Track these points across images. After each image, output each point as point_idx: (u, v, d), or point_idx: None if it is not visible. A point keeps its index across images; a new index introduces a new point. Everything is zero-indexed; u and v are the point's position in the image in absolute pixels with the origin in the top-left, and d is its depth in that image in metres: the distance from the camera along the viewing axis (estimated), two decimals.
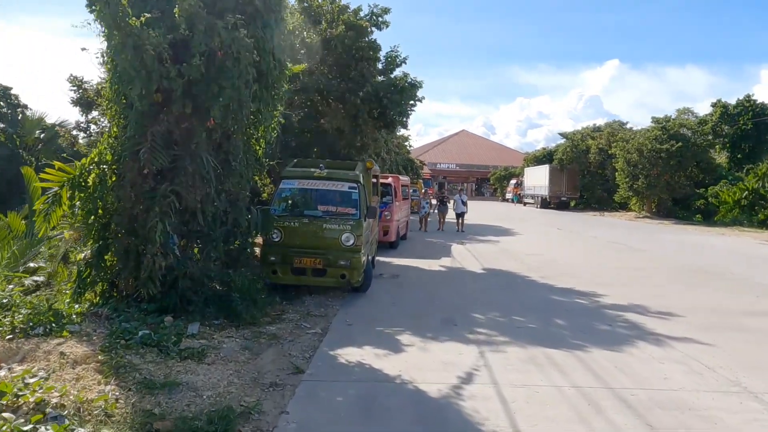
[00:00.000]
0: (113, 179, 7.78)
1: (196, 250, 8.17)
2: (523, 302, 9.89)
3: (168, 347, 6.21)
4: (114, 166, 7.78)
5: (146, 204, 7.39)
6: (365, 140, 14.85)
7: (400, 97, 14.25)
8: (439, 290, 10.89)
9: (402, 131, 30.48)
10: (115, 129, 8.09)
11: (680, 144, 34.18)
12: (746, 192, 34.38)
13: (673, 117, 39.35)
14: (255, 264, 9.57)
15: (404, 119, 15.08)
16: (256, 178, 12.15)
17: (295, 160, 11.27)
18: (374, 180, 14.43)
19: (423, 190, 35.75)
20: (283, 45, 8.75)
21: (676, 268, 14.49)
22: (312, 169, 10.38)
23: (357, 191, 10.06)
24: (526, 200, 53.33)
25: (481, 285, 11.61)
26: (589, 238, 22.33)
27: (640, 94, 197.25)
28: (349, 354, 6.77)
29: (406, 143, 29.76)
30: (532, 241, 20.57)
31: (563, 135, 50.26)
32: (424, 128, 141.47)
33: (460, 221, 22.96)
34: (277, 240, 9.57)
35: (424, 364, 6.47)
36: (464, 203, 22.77)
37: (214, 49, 7.23)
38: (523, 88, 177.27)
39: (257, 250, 9.82)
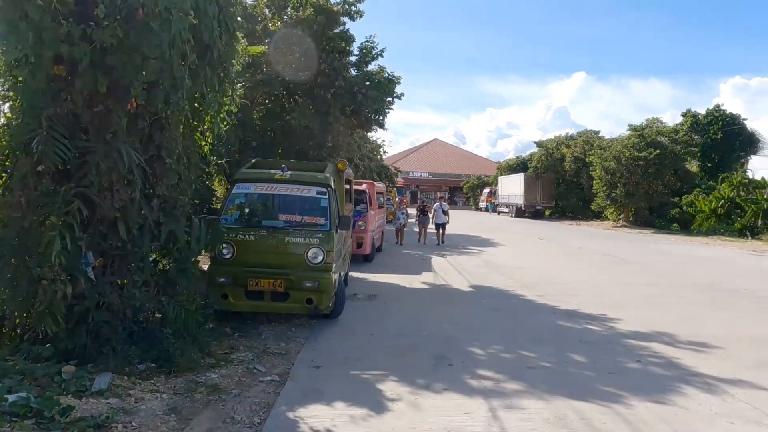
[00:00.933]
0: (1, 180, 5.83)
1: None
2: (527, 330, 8.18)
3: (50, 419, 4.28)
4: (1, 163, 5.83)
5: (42, 212, 5.46)
6: (337, 141, 13.05)
7: (377, 92, 12.52)
8: (425, 315, 9.12)
9: (376, 134, 28.81)
10: (8, 114, 6.13)
11: (658, 152, 33.25)
12: (722, 201, 33.69)
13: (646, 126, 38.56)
14: (200, 288, 7.66)
15: (380, 118, 13.33)
16: (211, 182, 10.27)
17: (254, 161, 9.41)
18: (347, 186, 12.68)
19: (397, 200, 34.11)
20: (234, 11, 6.91)
21: (684, 285, 12.99)
22: (273, 171, 8.53)
23: (327, 197, 8.24)
24: (500, 209, 52.11)
25: (473, 308, 9.87)
26: (574, 249, 20.87)
27: (606, 106, 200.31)
28: (315, 416, 4.93)
29: (381, 148, 28.00)
30: (517, 253, 18.99)
31: (538, 143, 49.26)
32: (395, 137, 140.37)
33: (440, 233, 20.61)
34: (228, 257, 7.69)
35: None
36: (445, 213, 20.27)
37: (133, 4, 5.36)
38: (493, 98, 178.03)
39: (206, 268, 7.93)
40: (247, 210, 8.27)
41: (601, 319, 8.98)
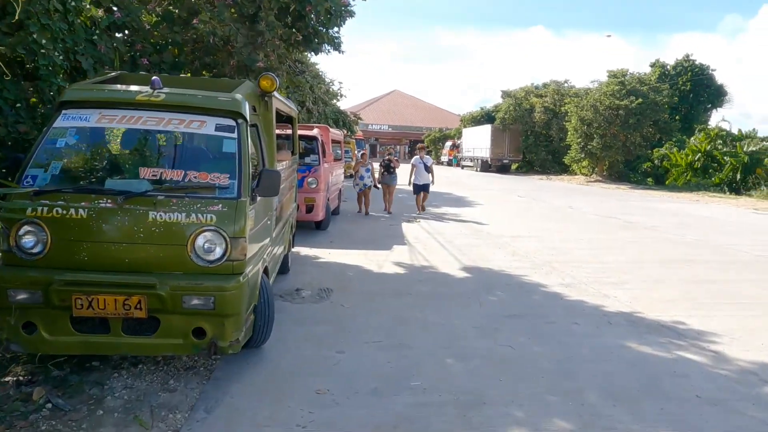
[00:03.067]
0: None
1: None
2: (590, 370, 4.66)
3: None
4: None
5: None
6: (272, 63, 8.99)
7: None
8: (409, 329, 5.50)
9: (331, 78, 24.28)
10: None
11: (640, 100, 30.16)
12: (699, 154, 31.18)
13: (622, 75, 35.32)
14: None
15: (335, 31, 9.31)
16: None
17: (113, 74, 5.39)
18: (288, 126, 8.80)
19: (357, 152, 30.08)
20: None
21: (734, 260, 9.77)
22: (135, 89, 4.57)
23: (236, 137, 4.39)
24: (464, 163, 48.73)
25: (478, 310, 6.31)
26: (564, 208, 17.58)
27: (562, 60, 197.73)
28: None
29: (339, 92, 23.67)
30: (503, 216, 15.53)
31: (505, 93, 45.58)
32: (354, 91, 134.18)
33: (420, 198, 14.96)
34: (34, 252, 3.85)
35: None
36: (428, 169, 14.65)
37: None
38: (453, 51, 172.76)
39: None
40: (77, 161, 4.34)
41: (697, 337, 5.55)
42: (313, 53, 10.12)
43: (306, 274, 7.71)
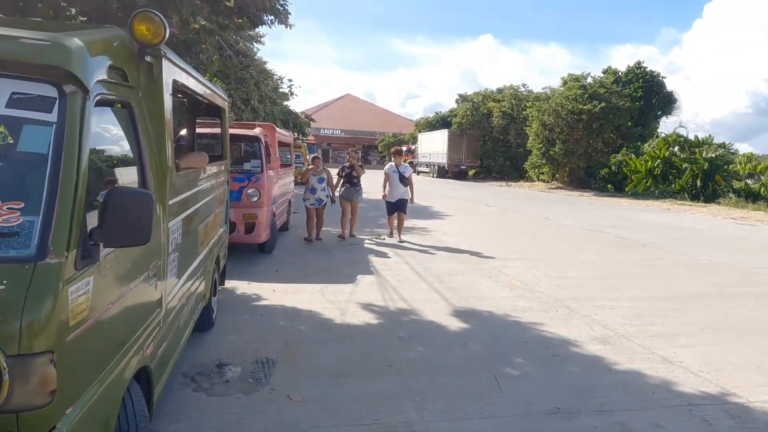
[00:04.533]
0: None
1: None
2: None
3: None
4: None
5: None
6: (191, 33, 6.54)
7: None
8: None
9: (279, 75, 21.57)
10: None
11: (604, 104, 28.94)
12: (658, 161, 30.28)
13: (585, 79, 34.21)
14: None
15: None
16: None
17: None
18: (214, 117, 6.45)
19: (309, 157, 27.54)
20: None
21: None
22: None
23: (54, 125, 2.00)
24: (420, 169, 46.81)
25: (501, 403, 4.06)
26: (542, 220, 15.69)
27: (510, 69, 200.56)
28: None
29: (290, 87, 20.96)
30: (476, 230, 13.46)
31: (462, 97, 44.00)
32: (305, 97, 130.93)
33: (394, 221, 11.17)
34: None
35: None
36: (405, 181, 10.99)
37: None
38: (403, 58, 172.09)
39: None
40: None
41: None
42: (251, 27, 7.67)
43: (237, 332, 5.30)
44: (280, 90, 20.47)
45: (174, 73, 3.44)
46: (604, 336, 5.51)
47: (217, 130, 6.54)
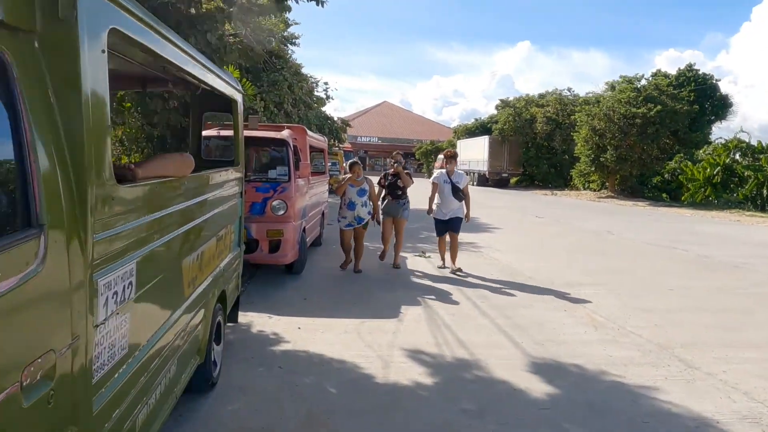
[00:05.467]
0: None
1: None
2: None
3: None
4: None
5: None
6: (213, 15, 5.24)
7: None
8: None
9: (314, 77, 20.19)
10: None
11: (660, 107, 26.79)
12: (718, 168, 27.87)
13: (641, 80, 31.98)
14: None
15: None
16: None
17: None
18: (225, 111, 5.18)
19: (345, 165, 26.31)
20: None
21: None
22: None
23: None
24: None
25: None
26: (601, 233, 13.92)
27: (547, 75, 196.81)
28: None
29: (325, 90, 19.60)
30: (531, 246, 11.83)
31: (504, 102, 42.19)
32: (341, 104, 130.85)
33: (444, 244, 8.80)
34: None
35: None
36: (458, 194, 8.40)
37: None
38: (439, 66, 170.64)
39: None
40: None
41: None
42: (278, 8, 6.33)
43: (246, 394, 3.92)
44: (315, 94, 19.25)
45: (113, 16, 2.05)
46: (753, 412, 3.90)
47: (229, 132, 5.23)
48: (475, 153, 40.62)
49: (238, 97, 4.81)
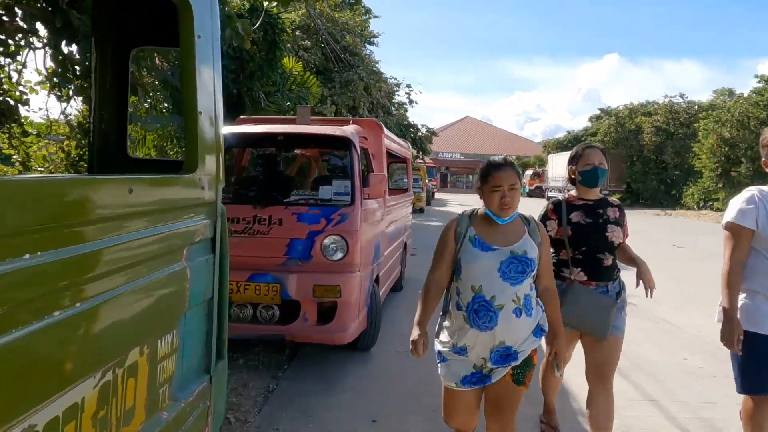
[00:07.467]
0: None
1: None
2: None
3: None
4: None
5: None
6: None
7: None
8: None
9: (394, 79, 17.41)
10: None
11: None
12: None
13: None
14: None
15: None
16: None
17: None
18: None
19: (428, 183, 23.36)
20: None
21: None
22: None
23: None
24: (550, 194, 40.87)
25: None
26: None
27: (637, 88, 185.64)
28: None
29: (408, 93, 16.66)
30: (704, 296, 8.18)
31: (604, 111, 37.72)
32: (420, 120, 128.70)
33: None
34: None
35: None
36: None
37: None
38: (520, 81, 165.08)
39: None
40: None
41: None
42: None
43: None
44: (395, 98, 16.36)
45: None
46: None
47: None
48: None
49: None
